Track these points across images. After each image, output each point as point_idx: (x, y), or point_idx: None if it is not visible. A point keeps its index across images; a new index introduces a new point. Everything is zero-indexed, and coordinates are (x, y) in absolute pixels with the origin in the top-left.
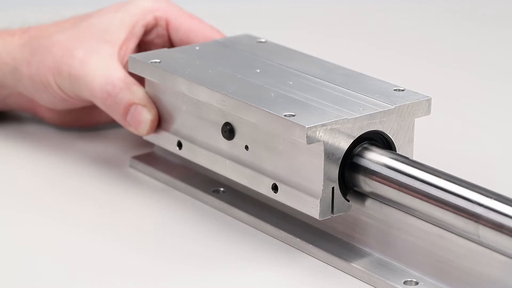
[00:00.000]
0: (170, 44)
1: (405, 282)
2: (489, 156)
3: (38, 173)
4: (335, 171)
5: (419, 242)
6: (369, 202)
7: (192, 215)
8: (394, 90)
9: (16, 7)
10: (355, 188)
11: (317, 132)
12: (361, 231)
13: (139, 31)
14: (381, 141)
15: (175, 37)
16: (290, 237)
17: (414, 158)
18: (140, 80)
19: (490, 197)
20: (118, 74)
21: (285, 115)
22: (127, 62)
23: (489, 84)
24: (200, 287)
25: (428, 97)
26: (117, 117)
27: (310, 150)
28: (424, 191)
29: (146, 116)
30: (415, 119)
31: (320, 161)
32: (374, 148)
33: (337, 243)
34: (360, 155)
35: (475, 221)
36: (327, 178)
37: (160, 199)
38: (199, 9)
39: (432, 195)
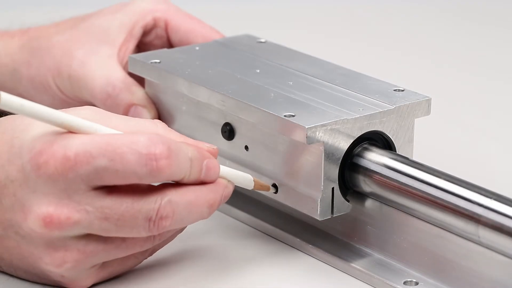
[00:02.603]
0: (169, 45)
1: (405, 282)
2: (489, 156)
3: None
4: (335, 171)
5: (419, 242)
6: (369, 202)
7: None
8: (394, 90)
9: (15, 7)
10: (355, 188)
11: (317, 132)
12: (361, 231)
13: (138, 32)
14: (381, 141)
15: (174, 37)
16: (290, 237)
17: (414, 158)
18: (140, 81)
19: (490, 197)
20: (117, 75)
21: (285, 115)
22: (126, 63)
23: (489, 84)
24: (200, 287)
25: (428, 97)
26: None
27: (310, 150)
28: (424, 191)
29: (146, 117)
30: (415, 119)
31: (320, 161)
32: (374, 148)
33: (337, 243)
34: (360, 155)
35: (475, 221)
36: (327, 178)
37: None
38: (199, 9)
39: (432, 195)
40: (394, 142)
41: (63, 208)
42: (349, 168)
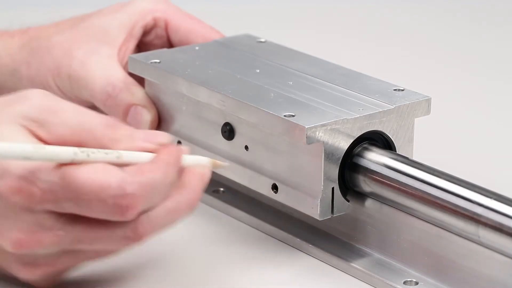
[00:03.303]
0: (169, 44)
1: (405, 282)
2: (489, 156)
3: None
4: (335, 171)
5: (419, 242)
6: (369, 202)
7: (192, 215)
8: (394, 90)
9: (15, 7)
10: (355, 188)
11: (317, 132)
12: (361, 231)
13: (138, 32)
14: (381, 141)
15: (174, 37)
16: (290, 237)
17: (414, 158)
18: (140, 81)
19: (490, 197)
20: (117, 75)
21: (285, 115)
22: (126, 63)
23: (489, 84)
24: (200, 287)
25: (428, 97)
26: (117, 118)
27: (310, 150)
28: (424, 191)
29: (146, 117)
30: (415, 119)
31: (320, 161)
32: (374, 148)
33: (337, 243)
34: (360, 155)
35: (475, 221)
36: (327, 178)
37: None
38: (199, 9)
39: (432, 195)
40: (394, 142)
41: (33, 235)
42: (349, 168)
